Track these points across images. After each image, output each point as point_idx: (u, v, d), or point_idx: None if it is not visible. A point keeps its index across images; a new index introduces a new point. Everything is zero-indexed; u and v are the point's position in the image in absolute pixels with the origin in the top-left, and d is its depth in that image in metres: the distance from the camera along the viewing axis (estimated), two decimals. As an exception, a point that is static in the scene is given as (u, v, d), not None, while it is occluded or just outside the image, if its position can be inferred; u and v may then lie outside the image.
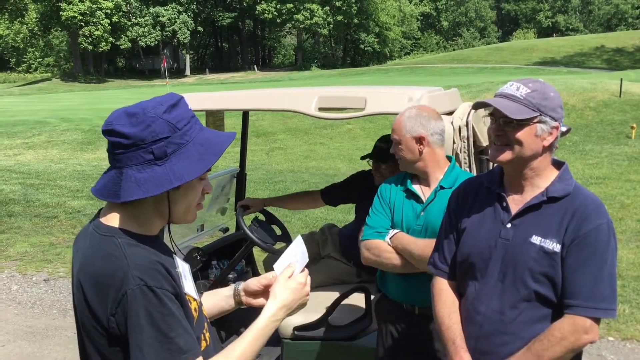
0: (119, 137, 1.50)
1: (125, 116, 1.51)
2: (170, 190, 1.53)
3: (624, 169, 12.18)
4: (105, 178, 1.56)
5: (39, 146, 17.82)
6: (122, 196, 1.50)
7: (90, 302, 1.50)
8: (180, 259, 1.72)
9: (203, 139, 1.57)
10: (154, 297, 1.46)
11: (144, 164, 1.50)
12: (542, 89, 2.04)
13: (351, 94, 3.19)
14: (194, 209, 1.64)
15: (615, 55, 55.46)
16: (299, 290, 1.72)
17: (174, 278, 1.54)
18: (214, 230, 4.57)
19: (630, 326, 5.21)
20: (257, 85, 42.19)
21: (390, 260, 2.75)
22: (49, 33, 64.35)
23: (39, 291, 6.54)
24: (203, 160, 1.54)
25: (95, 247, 1.54)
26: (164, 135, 1.50)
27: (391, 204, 2.84)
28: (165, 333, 1.46)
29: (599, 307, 1.98)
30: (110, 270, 1.47)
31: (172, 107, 1.54)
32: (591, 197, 2.08)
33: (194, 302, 1.65)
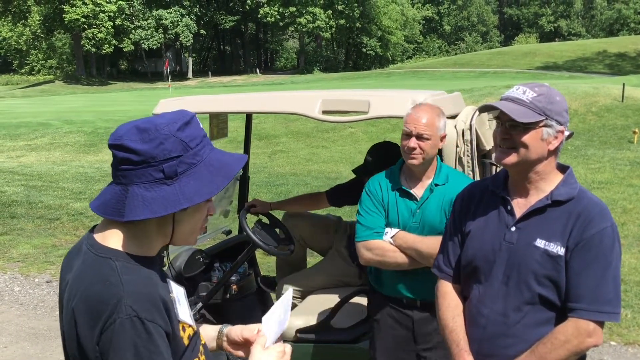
0: (129, 153, 1.43)
1: (136, 131, 1.44)
2: (177, 211, 1.45)
3: (626, 174, 12.16)
4: (107, 194, 1.48)
5: (42, 148, 17.85)
6: (126, 215, 1.43)
7: (79, 329, 1.41)
8: (175, 283, 1.64)
9: (214, 159, 1.50)
10: (144, 332, 1.38)
11: (152, 183, 1.43)
12: (548, 93, 2.05)
13: (355, 97, 3.21)
14: (197, 231, 1.57)
15: (617, 60, 55.40)
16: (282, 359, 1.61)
17: (169, 311, 1.46)
18: (216, 233, 4.58)
19: (632, 331, 5.20)
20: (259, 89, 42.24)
21: (395, 259, 2.77)
22: (52, 35, 64.44)
23: (41, 292, 6.55)
24: (213, 183, 1.47)
25: (90, 269, 1.45)
26: (176, 154, 1.44)
27: (384, 203, 2.85)
28: None
29: (603, 310, 1.99)
30: (103, 297, 1.39)
31: (185, 125, 1.47)
32: (595, 200, 2.09)
33: (189, 328, 1.56)
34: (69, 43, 66.62)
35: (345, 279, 3.92)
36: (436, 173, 2.83)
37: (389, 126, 18.07)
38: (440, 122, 2.78)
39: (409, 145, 2.74)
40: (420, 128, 2.72)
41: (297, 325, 3.48)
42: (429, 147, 2.74)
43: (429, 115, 2.75)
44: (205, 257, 4.00)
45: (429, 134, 2.73)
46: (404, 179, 2.88)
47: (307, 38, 74.19)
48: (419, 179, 2.84)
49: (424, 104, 2.84)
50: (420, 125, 2.72)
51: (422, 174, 2.83)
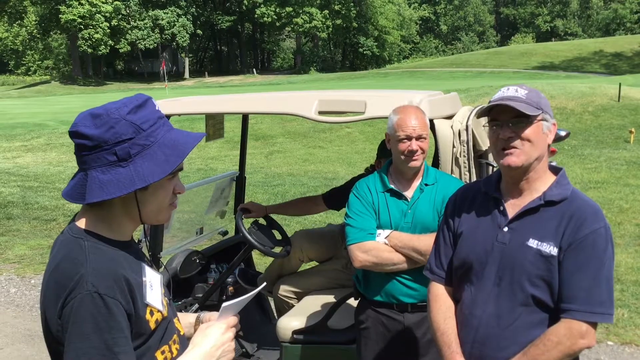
0: (83, 139, 1.49)
1: (90, 117, 1.50)
2: (138, 191, 1.51)
3: (623, 174, 12.18)
4: (74, 180, 1.55)
5: (38, 149, 17.81)
6: (87, 198, 1.49)
7: (46, 303, 1.48)
8: (152, 269, 1.67)
9: (169, 140, 1.55)
10: (104, 307, 1.42)
11: (107, 166, 1.49)
12: (535, 90, 2.10)
13: (351, 98, 3.20)
14: (166, 209, 1.62)
15: (613, 59, 55.55)
16: (220, 335, 1.62)
17: (132, 291, 1.50)
18: (213, 234, 4.57)
19: (629, 330, 5.21)
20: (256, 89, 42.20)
21: (392, 259, 2.77)
22: (48, 36, 64.35)
23: (37, 294, 6.52)
24: (168, 162, 1.52)
25: (63, 248, 1.53)
26: (128, 136, 1.49)
27: (375, 205, 2.85)
28: (109, 346, 1.41)
29: (596, 311, 1.98)
30: (68, 273, 1.46)
31: (137, 108, 1.52)
32: (588, 201, 2.09)
33: (157, 313, 1.58)
34: (65, 43, 66.53)
35: (342, 281, 3.91)
36: (424, 173, 2.86)
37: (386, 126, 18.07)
38: (427, 119, 2.84)
39: (411, 148, 2.75)
40: (418, 129, 2.76)
41: (293, 326, 3.47)
42: (426, 146, 2.81)
43: (419, 117, 2.79)
44: (201, 258, 3.98)
45: (425, 134, 2.79)
46: (393, 181, 2.89)
47: (304, 38, 74.19)
48: (409, 180, 2.86)
49: (406, 107, 2.85)
50: (417, 127, 2.76)
51: (413, 175, 2.85)
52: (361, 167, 3.87)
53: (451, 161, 3.07)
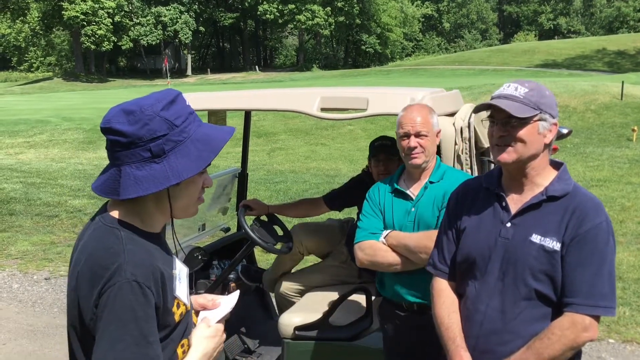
0: (117, 135, 1.50)
1: (122, 114, 1.51)
2: (170, 186, 1.53)
3: (625, 172, 12.17)
4: (105, 175, 1.56)
5: (40, 145, 17.84)
6: (121, 193, 1.51)
7: (79, 291, 1.49)
8: (181, 261, 1.71)
9: (201, 135, 1.56)
10: (142, 295, 1.44)
11: (142, 162, 1.50)
12: (538, 88, 2.08)
13: (353, 95, 3.20)
14: (195, 203, 1.64)
15: (616, 57, 55.39)
16: (219, 339, 1.71)
17: (165, 284, 1.53)
18: (215, 230, 4.58)
19: (630, 328, 5.21)
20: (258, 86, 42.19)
21: (386, 259, 2.77)
22: (50, 32, 64.30)
23: (39, 290, 6.55)
24: (201, 158, 1.54)
25: (97, 236, 1.54)
26: (162, 133, 1.50)
27: (381, 206, 2.88)
28: (145, 335, 1.43)
29: (599, 304, 2.00)
30: (105, 262, 1.47)
31: (169, 104, 1.53)
32: (590, 196, 2.11)
33: (183, 306, 1.63)
34: (67, 40, 66.52)
35: (343, 277, 3.92)
36: (433, 171, 2.85)
37: (388, 124, 18.06)
38: (433, 118, 2.82)
39: (410, 145, 2.75)
40: (418, 126, 2.75)
41: (295, 322, 3.48)
42: (429, 144, 2.78)
43: (422, 114, 2.78)
44: (203, 254, 3.99)
45: (427, 131, 2.76)
46: (403, 181, 2.91)
47: (307, 35, 74.11)
48: (417, 179, 2.86)
49: (413, 104, 2.88)
50: (416, 124, 2.76)
51: (420, 174, 2.85)
52: (363, 165, 3.88)
53: (453, 158, 3.07)
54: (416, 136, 2.75)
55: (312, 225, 4.18)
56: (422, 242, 2.61)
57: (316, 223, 4.24)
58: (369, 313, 3.37)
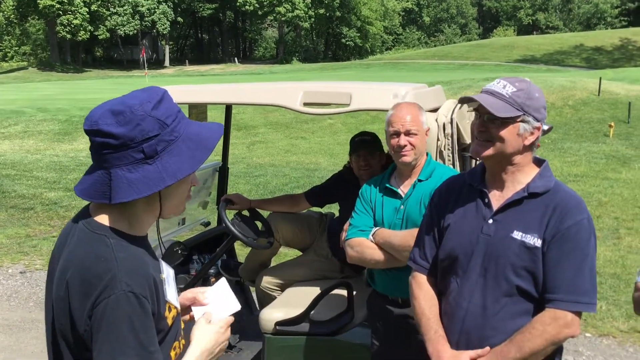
0: (107, 138, 1.44)
1: (110, 115, 1.45)
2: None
3: (602, 167, 12.34)
4: (91, 178, 1.50)
5: (15, 136, 17.56)
6: (114, 197, 1.46)
7: (72, 302, 1.45)
8: (166, 263, 1.68)
9: (192, 133, 1.53)
10: (139, 306, 1.41)
11: (134, 164, 1.45)
12: (527, 89, 2.07)
13: (336, 90, 3.19)
14: (184, 202, 1.62)
15: (594, 54, 56.12)
16: (221, 335, 1.67)
17: (157, 290, 1.50)
18: (195, 225, 4.54)
19: (606, 322, 5.29)
20: (238, 78, 41.97)
21: (373, 256, 2.81)
22: (25, 21, 63.19)
23: (15, 283, 6.45)
24: (194, 157, 1.51)
25: (85, 245, 1.49)
26: (154, 133, 1.46)
27: (372, 204, 2.91)
28: (146, 346, 1.41)
29: (580, 301, 2.02)
30: (98, 272, 1.43)
31: (158, 103, 1.49)
32: (571, 193, 2.13)
33: (174, 309, 1.61)
34: (43, 29, 65.40)
35: (325, 272, 3.91)
36: (422, 169, 2.86)
37: (369, 118, 18.10)
38: (422, 116, 2.83)
39: (400, 143, 2.77)
40: (408, 124, 2.76)
41: (276, 317, 3.46)
42: (419, 142, 2.79)
43: (412, 112, 2.79)
44: (183, 248, 3.96)
45: (416, 129, 2.77)
46: (394, 178, 2.93)
47: (287, 27, 73.84)
48: (408, 177, 2.88)
49: (403, 102, 2.88)
50: (406, 122, 2.77)
51: (410, 171, 2.86)
52: (343, 159, 3.88)
53: (436, 154, 3.08)
54: (406, 134, 2.76)
55: (290, 215, 4.17)
56: (407, 241, 2.62)
57: (294, 213, 4.23)
58: (350, 308, 3.37)
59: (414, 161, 2.81)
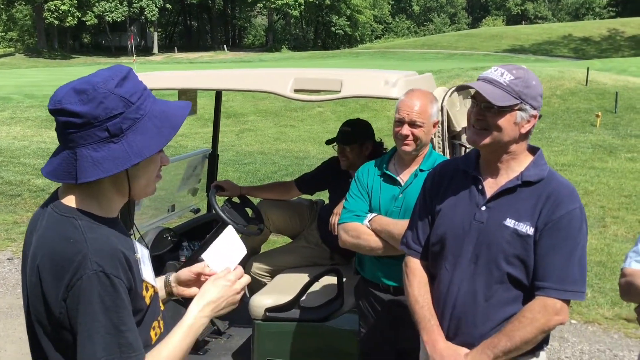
0: (70, 117, 1.42)
1: (73, 93, 1.43)
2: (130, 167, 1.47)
3: (589, 157, 12.43)
4: (57, 159, 1.48)
5: (2, 122, 17.36)
6: (79, 177, 1.43)
7: (44, 285, 1.43)
8: (140, 244, 1.67)
9: (158, 111, 1.51)
10: (110, 286, 1.41)
11: (99, 143, 1.43)
12: (525, 77, 2.07)
13: (327, 76, 3.18)
14: (153, 182, 1.59)
15: (582, 44, 56.27)
16: (227, 288, 1.66)
17: (132, 268, 1.49)
18: (184, 211, 4.54)
19: (592, 310, 5.35)
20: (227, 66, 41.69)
21: (369, 243, 2.77)
22: (12, 7, 62.36)
23: (2, 270, 6.41)
24: (161, 134, 1.49)
25: (54, 228, 1.47)
26: (118, 111, 1.44)
27: (369, 189, 2.86)
28: (116, 325, 1.41)
29: (569, 289, 2.04)
30: (68, 254, 1.41)
31: (122, 81, 1.46)
32: (564, 182, 2.13)
33: (151, 288, 1.60)
34: (30, 15, 64.55)
35: (316, 259, 3.93)
36: (424, 159, 2.82)
37: (358, 106, 18.08)
38: (432, 108, 2.76)
39: (402, 132, 2.72)
40: (413, 115, 2.70)
41: (266, 303, 3.47)
42: (422, 134, 2.73)
43: (421, 102, 2.72)
44: (173, 235, 3.96)
45: (422, 121, 2.71)
46: (393, 165, 2.89)
47: (276, 15, 73.39)
48: (408, 165, 2.84)
49: (417, 90, 2.81)
50: (413, 113, 2.70)
51: (411, 160, 2.82)
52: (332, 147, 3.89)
53: (429, 142, 3.09)
54: (410, 125, 2.71)
55: (280, 202, 4.17)
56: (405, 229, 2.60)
57: (285, 201, 4.23)
58: (340, 294, 3.38)
59: (415, 151, 2.78)
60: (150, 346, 1.55)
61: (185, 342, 1.57)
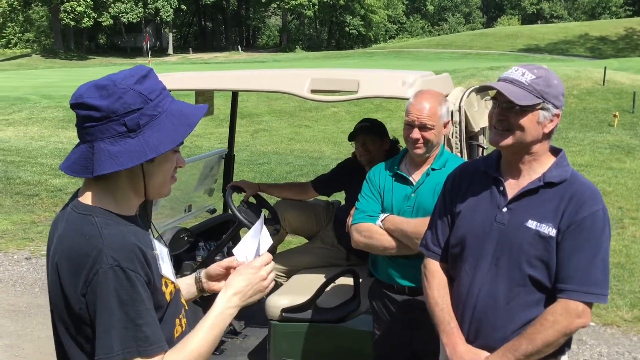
0: (90, 110, 1.46)
1: (95, 89, 1.48)
2: (145, 163, 1.50)
3: (606, 157, 12.30)
4: (75, 154, 1.51)
5: (20, 123, 17.53)
6: (95, 170, 1.46)
7: (63, 282, 1.46)
8: (159, 242, 1.68)
9: (176, 110, 1.54)
10: (126, 280, 1.42)
11: (116, 137, 1.46)
12: (546, 76, 2.05)
13: (344, 77, 3.18)
14: (168, 182, 1.61)
15: (598, 43, 55.77)
16: (252, 275, 1.65)
17: (149, 263, 1.50)
18: (201, 211, 4.55)
19: (610, 312, 5.29)
20: (241, 66, 41.81)
21: (382, 242, 2.76)
22: (29, 8, 62.98)
23: (20, 269, 6.47)
24: (177, 132, 1.52)
25: (71, 226, 1.50)
26: (137, 106, 1.47)
27: (380, 189, 2.86)
28: (133, 319, 1.42)
29: (592, 292, 2.01)
30: (85, 250, 1.44)
31: (142, 79, 1.50)
32: (587, 183, 2.10)
33: (171, 285, 1.62)
34: (46, 16, 65.18)
35: (332, 260, 3.92)
36: (436, 158, 2.81)
37: (372, 106, 18.04)
38: (442, 109, 2.74)
39: (413, 136, 2.71)
40: (423, 118, 2.68)
41: (282, 304, 3.48)
42: (433, 137, 2.71)
43: (431, 104, 2.70)
44: (189, 235, 3.97)
45: (432, 124, 2.69)
46: (405, 165, 2.88)
47: (290, 16, 73.47)
48: (420, 165, 2.83)
49: (425, 91, 2.79)
50: (422, 116, 2.68)
51: (423, 161, 2.82)
52: (347, 147, 3.90)
53: (444, 142, 3.07)
54: (420, 128, 2.69)
55: (297, 202, 4.17)
56: (420, 229, 2.58)
57: (301, 201, 4.24)
58: (356, 295, 3.37)
59: (427, 153, 2.76)
60: (173, 343, 1.56)
61: (212, 335, 1.57)
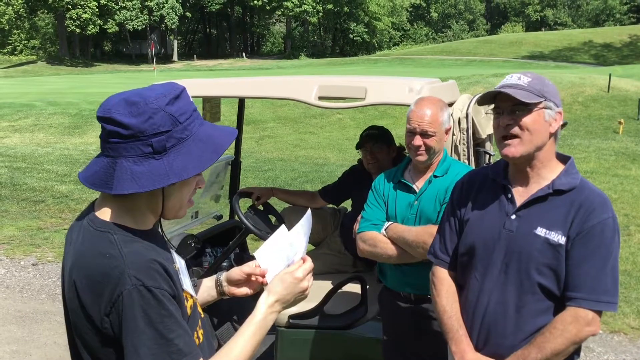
0: (117, 127, 1.42)
1: (125, 104, 1.43)
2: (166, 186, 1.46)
3: (611, 164, 12.28)
4: (96, 165, 1.47)
5: (26, 129, 17.62)
6: (115, 188, 1.42)
7: (84, 302, 1.43)
8: (178, 255, 1.67)
9: (204, 135, 1.50)
10: (152, 298, 1.40)
11: (141, 157, 1.43)
12: (540, 78, 2.08)
13: (351, 84, 3.18)
14: (186, 205, 1.58)
15: (603, 50, 55.79)
16: (294, 285, 1.64)
17: (172, 276, 1.48)
18: (207, 218, 4.55)
19: (618, 320, 5.27)
20: (245, 73, 41.94)
21: (385, 251, 2.77)
22: (35, 15, 63.40)
23: (27, 275, 6.49)
24: (202, 159, 1.47)
25: (89, 243, 1.46)
26: (165, 128, 1.43)
27: (385, 197, 2.87)
28: (164, 335, 1.40)
29: (601, 300, 2.00)
30: (105, 269, 1.41)
31: (175, 99, 1.46)
32: (597, 191, 2.09)
33: (191, 299, 1.60)
34: (52, 23, 65.58)
35: (338, 266, 3.92)
36: (438, 165, 2.81)
37: (377, 113, 18.07)
38: (443, 116, 2.73)
39: (414, 143, 2.71)
40: (425, 125, 2.68)
41: (289, 311, 3.47)
42: (434, 143, 2.71)
43: (432, 111, 2.69)
44: (196, 242, 3.97)
45: (434, 130, 2.69)
46: (408, 172, 2.88)
47: (294, 23, 73.72)
48: (423, 172, 2.83)
49: (426, 98, 2.78)
50: (424, 123, 2.68)
51: (426, 168, 2.82)
52: (352, 154, 3.92)
53: (451, 149, 3.07)
54: (422, 135, 2.69)
55: (303, 209, 4.18)
56: (421, 237, 2.59)
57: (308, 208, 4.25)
58: (363, 302, 3.37)
59: (429, 160, 2.76)
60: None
61: (255, 339, 1.57)
